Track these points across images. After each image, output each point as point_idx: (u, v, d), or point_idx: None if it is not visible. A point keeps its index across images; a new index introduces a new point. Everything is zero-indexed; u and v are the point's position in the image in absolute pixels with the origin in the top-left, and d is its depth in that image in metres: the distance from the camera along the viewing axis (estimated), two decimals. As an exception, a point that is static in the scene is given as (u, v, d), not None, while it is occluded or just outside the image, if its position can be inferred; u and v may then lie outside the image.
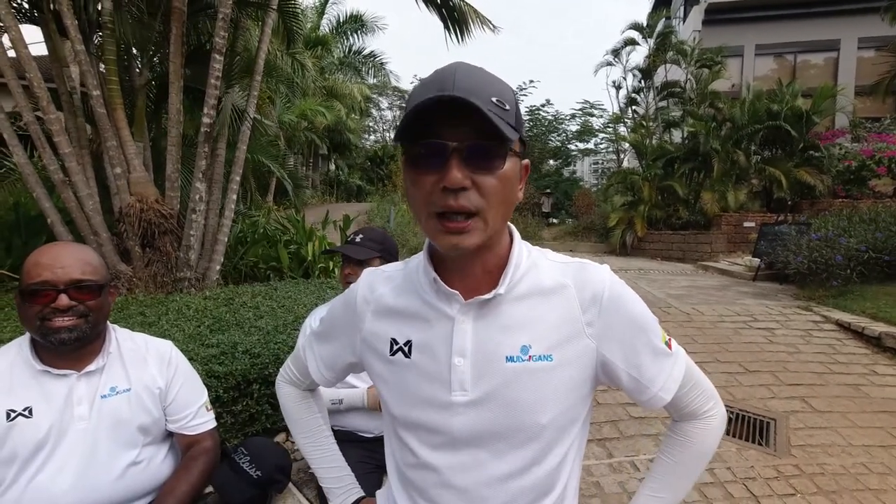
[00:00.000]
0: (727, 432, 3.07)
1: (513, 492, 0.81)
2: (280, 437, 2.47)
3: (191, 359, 1.85)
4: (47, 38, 4.35)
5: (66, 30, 3.91)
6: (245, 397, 2.30)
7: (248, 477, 1.46)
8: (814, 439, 3.06)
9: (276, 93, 12.05)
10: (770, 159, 11.75)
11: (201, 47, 5.30)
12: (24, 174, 3.94)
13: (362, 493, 1.09)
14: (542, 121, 24.98)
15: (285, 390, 1.08)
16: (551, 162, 26.01)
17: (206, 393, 1.51)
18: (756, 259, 8.36)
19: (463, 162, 0.69)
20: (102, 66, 4.27)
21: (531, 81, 25.79)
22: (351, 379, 1.84)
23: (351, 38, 17.76)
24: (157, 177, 4.58)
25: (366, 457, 1.73)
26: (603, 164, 35.10)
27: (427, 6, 5.55)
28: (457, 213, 0.70)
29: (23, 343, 1.29)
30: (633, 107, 16.19)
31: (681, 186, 11.90)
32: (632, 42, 14.82)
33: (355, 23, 17.18)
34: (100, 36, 4.45)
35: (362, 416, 1.85)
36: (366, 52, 18.58)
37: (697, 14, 16.55)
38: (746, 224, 10.70)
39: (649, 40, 14.40)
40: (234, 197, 4.92)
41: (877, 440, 3.05)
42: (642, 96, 15.60)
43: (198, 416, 1.44)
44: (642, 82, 15.34)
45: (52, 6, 4.15)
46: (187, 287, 4.28)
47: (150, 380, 1.37)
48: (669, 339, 0.87)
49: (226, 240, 4.79)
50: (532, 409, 0.79)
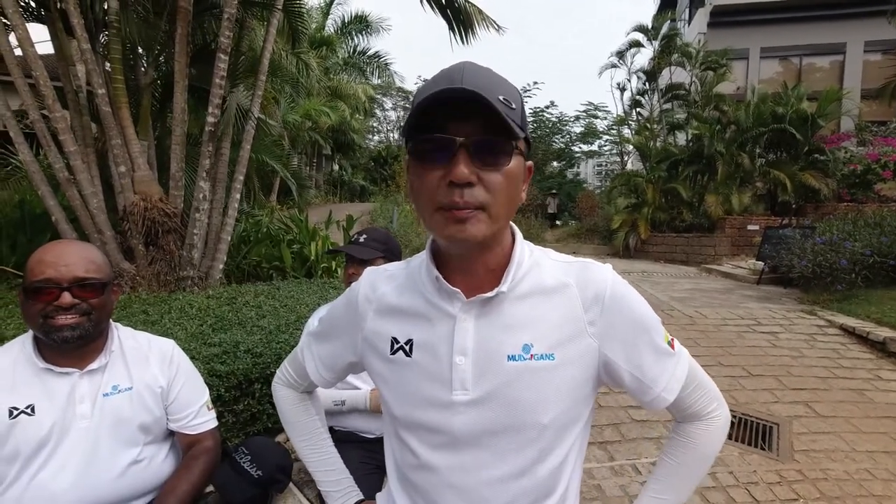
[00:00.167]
0: (729, 436, 3.05)
1: (514, 492, 0.80)
2: (281, 437, 2.47)
3: (193, 357, 1.85)
4: (54, 37, 4.38)
5: (72, 29, 3.93)
6: (246, 397, 2.31)
7: (249, 476, 1.46)
8: (817, 444, 3.04)
9: (280, 92, 12.05)
10: (775, 162, 11.71)
11: (206, 47, 5.32)
12: (29, 172, 3.96)
13: (361, 496, 1.07)
14: (546, 122, 24.98)
15: (282, 393, 1.07)
16: (555, 164, 26.00)
17: (208, 392, 1.51)
18: (760, 262, 8.33)
19: (470, 157, 0.68)
20: (108, 64, 4.30)
21: (535, 83, 25.85)
22: (353, 380, 1.84)
23: (356, 38, 17.84)
24: (162, 175, 4.60)
25: (367, 458, 1.72)
26: (607, 166, 35.08)
27: (432, 7, 5.54)
28: (462, 209, 0.70)
29: (26, 341, 1.29)
30: (638, 109, 16.20)
31: (685, 189, 11.88)
32: (636, 44, 14.83)
33: (360, 23, 17.24)
34: (106, 35, 4.49)
35: (364, 416, 1.84)
36: (370, 52, 18.63)
37: (703, 16, 16.51)
38: (750, 227, 10.68)
39: (654, 42, 14.40)
40: (238, 196, 4.93)
41: (881, 446, 3.03)
42: (647, 98, 15.61)
43: (199, 416, 1.44)
44: (647, 84, 15.36)
45: (58, 5, 4.18)
46: (190, 286, 4.29)
47: (151, 379, 1.37)
48: (672, 339, 0.86)
49: (229, 239, 4.79)
50: (533, 408, 0.78)
